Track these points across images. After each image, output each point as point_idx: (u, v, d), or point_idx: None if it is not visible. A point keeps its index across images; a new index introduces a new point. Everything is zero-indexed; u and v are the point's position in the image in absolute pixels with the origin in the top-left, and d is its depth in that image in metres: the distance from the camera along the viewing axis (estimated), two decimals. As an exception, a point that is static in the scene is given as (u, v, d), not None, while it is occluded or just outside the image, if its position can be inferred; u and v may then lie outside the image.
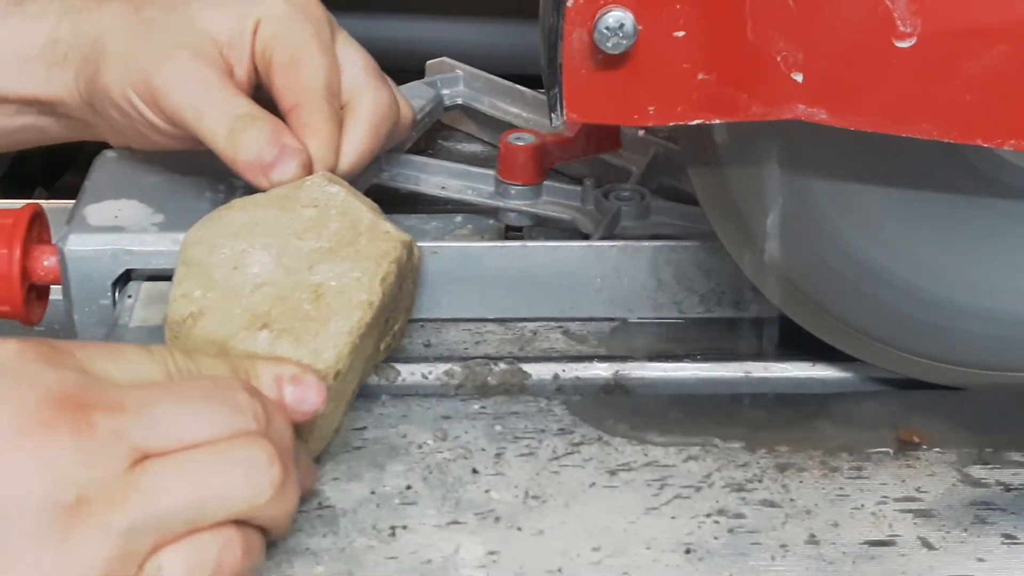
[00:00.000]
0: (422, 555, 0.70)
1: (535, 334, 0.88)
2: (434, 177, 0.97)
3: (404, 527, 0.72)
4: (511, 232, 0.94)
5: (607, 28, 0.67)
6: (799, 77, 0.68)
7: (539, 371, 0.84)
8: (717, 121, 0.70)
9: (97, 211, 0.87)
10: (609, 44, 0.67)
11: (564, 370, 0.84)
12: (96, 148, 0.95)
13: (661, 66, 0.68)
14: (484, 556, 0.70)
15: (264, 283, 0.74)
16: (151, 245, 0.85)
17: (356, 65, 0.86)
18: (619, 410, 0.81)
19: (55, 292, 0.91)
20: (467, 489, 0.75)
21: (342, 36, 0.87)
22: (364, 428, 0.79)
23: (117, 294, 0.86)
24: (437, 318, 0.88)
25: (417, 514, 0.73)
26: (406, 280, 0.80)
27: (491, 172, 0.95)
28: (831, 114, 0.68)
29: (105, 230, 0.86)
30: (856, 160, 0.76)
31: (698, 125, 0.70)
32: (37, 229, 0.90)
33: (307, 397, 0.67)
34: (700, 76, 0.69)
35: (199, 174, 0.92)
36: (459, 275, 0.87)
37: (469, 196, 0.95)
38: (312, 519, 0.72)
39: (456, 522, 0.72)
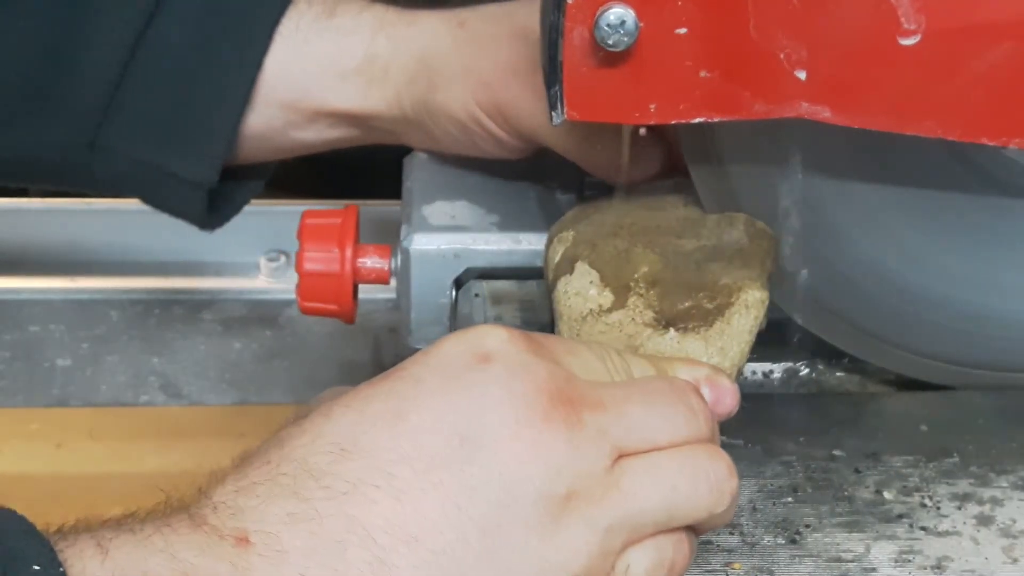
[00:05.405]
0: (833, 553, 0.70)
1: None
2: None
3: (806, 526, 0.72)
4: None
5: (608, 25, 0.66)
6: (802, 75, 0.67)
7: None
8: (719, 119, 0.69)
9: (433, 211, 0.88)
10: (610, 41, 0.66)
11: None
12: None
13: (663, 63, 0.67)
14: (898, 555, 0.70)
15: (657, 281, 0.73)
16: (494, 244, 0.86)
17: None
18: (976, 413, 0.81)
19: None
20: (855, 488, 0.74)
21: None
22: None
23: (455, 293, 0.86)
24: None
25: (815, 513, 0.73)
26: (769, 277, 0.79)
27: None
28: (835, 112, 0.67)
29: (448, 230, 0.86)
30: (860, 159, 0.75)
31: (700, 123, 0.69)
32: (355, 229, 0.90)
33: (722, 399, 0.67)
34: (702, 74, 0.67)
35: (511, 175, 0.92)
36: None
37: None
38: (712, 517, 0.72)
39: (857, 521, 0.72)
